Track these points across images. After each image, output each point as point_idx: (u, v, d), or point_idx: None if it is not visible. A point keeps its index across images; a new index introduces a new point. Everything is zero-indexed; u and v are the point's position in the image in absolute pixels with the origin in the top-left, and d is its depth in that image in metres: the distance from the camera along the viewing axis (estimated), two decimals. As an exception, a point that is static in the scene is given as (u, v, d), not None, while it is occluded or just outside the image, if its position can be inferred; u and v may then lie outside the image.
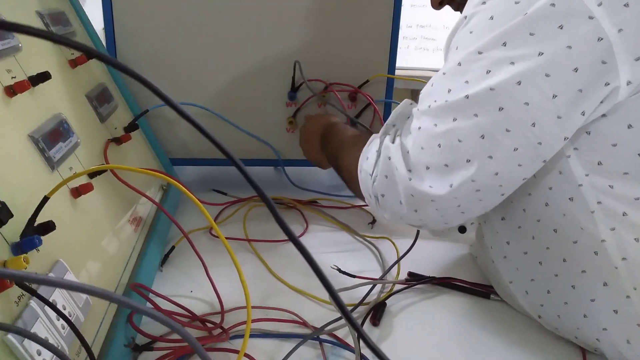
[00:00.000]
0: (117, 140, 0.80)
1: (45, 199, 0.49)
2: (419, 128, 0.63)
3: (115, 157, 0.77)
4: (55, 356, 0.44)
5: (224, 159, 1.12)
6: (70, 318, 0.47)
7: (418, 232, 0.82)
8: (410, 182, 0.63)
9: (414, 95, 2.74)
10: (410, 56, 2.66)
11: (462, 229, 0.70)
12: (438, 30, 2.71)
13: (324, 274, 0.34)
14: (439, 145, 0.60)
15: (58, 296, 0.48)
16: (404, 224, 0.70)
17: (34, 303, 0.44)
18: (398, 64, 1.06)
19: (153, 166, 0.94)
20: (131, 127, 0.85)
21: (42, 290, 0.46)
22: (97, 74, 0.86)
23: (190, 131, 1.03)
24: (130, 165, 0.81)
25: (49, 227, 0.49)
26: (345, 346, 0.63)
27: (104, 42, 0.95)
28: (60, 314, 0.44)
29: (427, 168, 0.62)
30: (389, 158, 0.66)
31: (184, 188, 0.58)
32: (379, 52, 1.02)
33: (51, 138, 0.60)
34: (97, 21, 0.96)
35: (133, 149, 0.86)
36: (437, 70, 0.64)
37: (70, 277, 0.51)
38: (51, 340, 0.45)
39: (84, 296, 0.53)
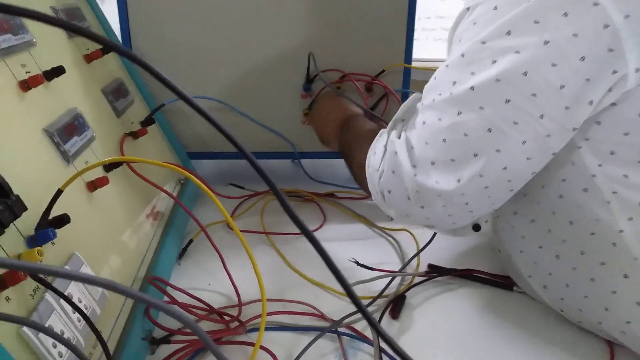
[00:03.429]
0: (134, 135, 0.80)
1: (59, 192, 0.49)
2: (424, 123, 0.61)
3: (132, 151, 0.77)
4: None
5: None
6: (85, 311, 0.47)
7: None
8: (416, 178, 0.61)
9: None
10: (430, 47, 2.63)
11: (476, 227, 0.67)
12: (457, 20, 2.67)
13: (336, 267, 0.32)
14: (444, 140, 0.59)
15: (74, 289, 0.48)
16: (410, 223, 0.68)
17: (49, 296, 0.44)
18: (417, 55, 1.04)
19: (170, 160, 0.94)
20: (148, 122, 0.85)
21: (58, 283, 0.46)
22: (112, 68, 0.86)
23: (207, 125, 0.99)
24: (147, 159, 0.81)
25: (63, 220, 0.49)
26: (364, 339, 0.62)
27: (119, 38, 0.95)
28: (75, 307, 0.44)
29: (433, 163, 0.60)
30: (396, 153, 0.63)
31: (198, 181, 0.57)
32: (395, 41, 1.00)
33: (66, 132, 0.60)
34: (116, 19, 0.96)
35: (150, 143, 0.86)
36: None
37: (86, 270, 0.51)
38: (67, 334, 0.45)
39: (100, 289, 0.53)
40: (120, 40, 0.95)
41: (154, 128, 0.89)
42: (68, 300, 0.44)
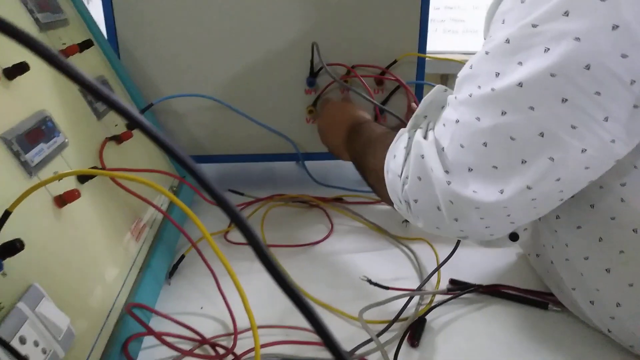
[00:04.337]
0: (117, 139, 0.71)
1: (7, 214, 0.41)
2: (457, 121, 0.52)
3: (114, 158, 0.69)
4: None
5: (241, 154, 1.01)
6: (44, 356, 0.39)
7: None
8: (450, 187, 0.52)
9: (444, 80, 2.60)
10: (439, 40, 2.52)
11: (513, 237, 0.58)
12: (467, 11, 2.56)
13: (302, 300, 0.23)
14: (485, 144, 0.50)
15: (29, 330, 0.40)
16: (441, 234, 0.59)
17: (-8, 344, 0.36)
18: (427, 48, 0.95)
19: (162, 166, 0.85)
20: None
21: (10, 321, 0.38)
22: (94, 65, 0.77)
23: (203, 126, 0.94)
24: (134, 166, 0.72)
25: (14, 247, 0.40)
26: (380, 375, 0.53)
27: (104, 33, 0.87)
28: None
29: (470, 170, 0.51)
30: (422, 156, 0.55)
31: (176, 199, 0.50)
32: (408, 29, 0.91)
33: (29, 139, 0.51)
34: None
35: (137, 148, 0.78)
36: (469, 53, 0.53)
37: (46, 304, 0.43)
38: (15, 389, 0.36)
39: (65, 326, 0.44)
40: (105, 35, 0.87)
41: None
42: (13, 351, 0.36)
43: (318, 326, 0.24)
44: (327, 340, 0.25)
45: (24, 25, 0.62)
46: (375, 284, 0.65)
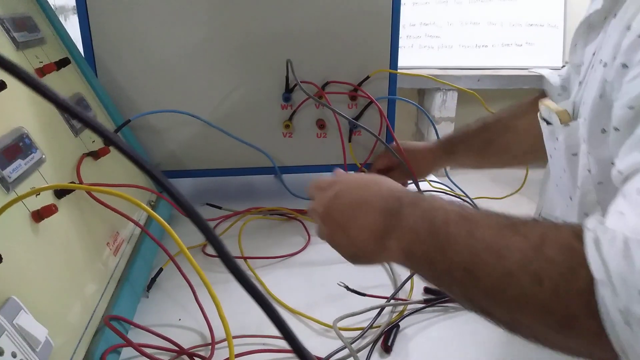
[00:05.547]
0: (94, 155, 0.72)
1: (-17, 229, 0.42)
2: None
3: (92, 174, 0.69)
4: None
5: (218, 169, 1.02)
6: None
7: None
8: None
9: (421, 95, 2.64)
10: (415, 55, 2.57)
11: None
12: (442, 27, 2.62)
13: (269, 304, 0.26)
14: None
15: (7, 341, 0.41)
16: None
17: (-30, 355, 0.37)
18: (402, 63, 0.98)
19: (139, 181, 0.86)
20: (112, 140, 0.78)
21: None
22: (71, 82, 0.78)
23: (181, 142, 0.95)
24: (112, 182, 0.73)
25: (-8, 260, 0.41)
26: (354, 380, 0.55)
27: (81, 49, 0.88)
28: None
29: None
30: None
31: (154, 213, 0.51)
32: (379, 46, 0.94)
33: (7, 155, 0.52)
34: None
35: (114, 163, 0.79)
36: (444, 68, 0.51)
37: (24, 316, 0.44)
38: (-7, 399, 0.37)
39: (43, 337, 0.45)
40: (82, 53, 0.88)
41: (119, 146, 0.81)
42: (-9, 361, 0.36)
43: (278, 323, 0.25)
44: (289, 339, 0.27)
45: (0, 45, 0.63)
46: (353, 291, 0.67)
